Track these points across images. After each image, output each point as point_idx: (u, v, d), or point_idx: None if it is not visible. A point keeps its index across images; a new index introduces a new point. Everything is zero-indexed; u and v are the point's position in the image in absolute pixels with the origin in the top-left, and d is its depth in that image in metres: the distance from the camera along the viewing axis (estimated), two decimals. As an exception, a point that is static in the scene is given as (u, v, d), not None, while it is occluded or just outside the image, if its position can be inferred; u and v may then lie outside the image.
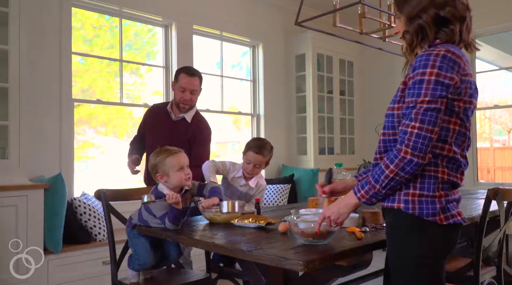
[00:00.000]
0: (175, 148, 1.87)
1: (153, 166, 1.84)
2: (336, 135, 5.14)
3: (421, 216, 1.30)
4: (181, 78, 2.55)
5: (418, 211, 1.30)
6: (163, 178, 1.83)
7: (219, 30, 4.45)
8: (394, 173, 1.28)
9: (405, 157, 1.26)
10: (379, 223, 1.80)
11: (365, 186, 1.35)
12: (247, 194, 2.29)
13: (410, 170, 1.27)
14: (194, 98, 2.60)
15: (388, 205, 1.37)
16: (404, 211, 1.32)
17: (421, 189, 1.31)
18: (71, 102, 3.41)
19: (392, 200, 1.35)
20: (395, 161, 1.28)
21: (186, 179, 1.83)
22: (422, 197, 1.31)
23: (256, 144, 2.27)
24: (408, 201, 1.31)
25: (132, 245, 1.94)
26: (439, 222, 1.29)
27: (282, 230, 1.66)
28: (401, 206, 1.32)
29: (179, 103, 2.55)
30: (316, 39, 4.83)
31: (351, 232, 1.64)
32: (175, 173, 1.81)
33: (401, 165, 1.27)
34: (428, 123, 1.25)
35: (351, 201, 1.40)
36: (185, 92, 2.53)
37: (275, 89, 4.92)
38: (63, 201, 2.90)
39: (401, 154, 1.27)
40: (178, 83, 2.56)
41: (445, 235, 1.32)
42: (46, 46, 3.27)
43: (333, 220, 1.42)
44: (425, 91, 1.26)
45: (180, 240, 1.64)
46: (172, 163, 1.81)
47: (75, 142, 3.48)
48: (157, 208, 1.78)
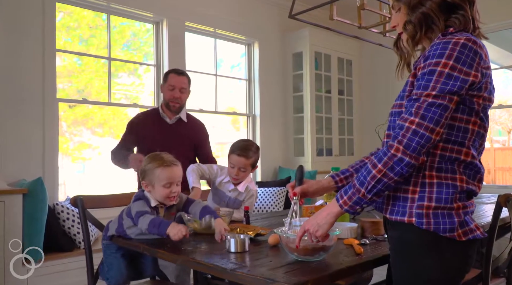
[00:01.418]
0: (172, 160, 1.68)
1: (142, 171, 1.68)
2: (334, 136, 4.99)
3: (437, 231, 1.11)
4: (170, 77, 2.57)
5: (433, 226, 1.11)
6: (148, 188, 1.66)
7: (212, 27, 4.29)
8: (382, 173, 1.11)
9: (395, 154, 1.10)
10: (380, 234, 1.63)
11: (349, 190, 1.18)
12: (236, 200, 2.12)
13: (400, 170, 1.10)
14: (184, 97, 2.58)
15: (397, 219, 1.17)
16: (416, 226, 1.13)
17: (437, 200, 1.12)
18: (55, 102, 3.25)
19: (402, 213, 1.16)
20: (383, 159, 1.12)
21: (170, 197, 1.65)
22: (438, 209, 1.12)
23: (239, 145, 2.11)
24: (422, 215, 1.12)
25: (106, 261, 1.76)
26: (457, 238, 1.11)
27: (272, 243, 1.49)
28: (413, 221, 1.13)
29: (169, 102, 2.53)
30: (313, 36, 4.68)
31: (349, 245, 1.48)
32: (161, 187, 1.63)
33: (390, 164, 1.10)
34: (429, 120, 1.07)
35: (333, 210, 1.21)
36: (174, 90, 2.52)
37: (271, 88, 4.76)
38: (44, 206, 2.73)
39: (391, 151, 1.10)
40: (167, 82, 2.57)
41: (462, 253, 1.13)
42: (28, 43, 3.10)
43: (312, 233, 1.23)
44: (434, 83, 1.08)
45: (158, 254, 1.47)
46: (161, 176, 1.63)
47: (71, 144, 3.34)
48: (139, 206, 1.61)
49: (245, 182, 2.12)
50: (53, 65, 3.23)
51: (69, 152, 3.52)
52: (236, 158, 2.06)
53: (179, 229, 1.47)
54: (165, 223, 1.51)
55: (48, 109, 3.18)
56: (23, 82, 3.07)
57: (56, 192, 3.21)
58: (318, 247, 1.26)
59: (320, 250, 1.28)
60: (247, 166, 2.07)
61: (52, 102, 3.22)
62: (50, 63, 3.21)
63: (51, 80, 3.21)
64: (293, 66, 4.82)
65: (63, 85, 3.41)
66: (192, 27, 4.14)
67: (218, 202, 2.13)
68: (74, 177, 3.57)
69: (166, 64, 3.89)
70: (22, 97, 3.06)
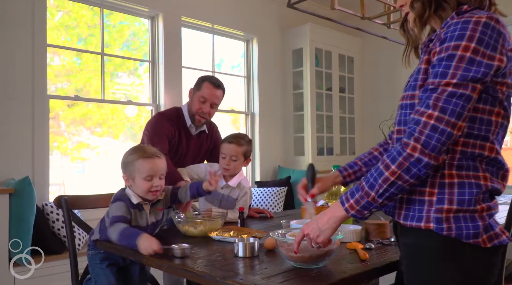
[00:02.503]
0: (154, 151, 1.58)
1: (123, 164, 1.58)
2: (335, 134, 4.88)
3: (459, 238, 0.97)
4: (205, 87, 2.19)
5: (455, 231, 0.97)
6: (128, 181, 1.55)
7: (210, 22, 4.17)
8: (396, 176, 0.98)
9: (411, 154, 0.96)
10: (385, 237, 1.50)
11: (356, 193, 1.05)
12: (229, 198, 2.00)
13: (417, 172, 0.97)
14: (213, 112, 2.23)
15: (412, 225, 1.03)
16: (435, 232, 0.99)
17: (459, 202, 0.98)
18: (45, 98, 3.13)
19: (418, 218, 1.02)
20: (398, 160, 0.98)
21: (152, 192, 1.54)
22: (459, 212, 0.98)
23: (230, 135, 2.04)
24: (441, 220, 0.98)
25: (92, 273, 1.62)
26: (482, 244, 0.97)
27: (268, 247, 1.36)
28: (431, 226, 0.99)
29: (195, 114, 2.19)
30: (314, 32, 4.57)
31: (352, 250, 1.35)
32: (141, 180, 1.52)
33: (406, 166, 0.97)
34: (451, 113, 0.93)
35: (336, 214, 1.08)
36: (205, 103, 2.17)
37: (271, 86, 4.65)
38: (31, 207, 2.61)
39: (407, 151, 0.97)
40: (199, 92, 2.19)
41: (486, 261, 1.00)
42: (17, 38, 2.98)
43: (312, 239, 1.10)
44: (454, 70, 0.94)
45: (143, 260, 1.34)
46: (142, 168, 1.52)
47: (69, 143, 3.25)
48: (116, 209, 1.49)
49: (237, 177, 2.00)
50: (43, 60, 3.11)
51: (68, 152, 3.46)
52: (227, 146, 1.97)
53: (149, 243, 1.32)
54: (136, 234, 1.37)
55: (38, 106, 3.06)
56: (12, 78, 2.95)
57: (46, 192, 3.08)
58: (318, 253, 1.13)
59: (320, 256, 1.15)
60: (238, 155, 1.96)
61: (43, 98, 3.10)
62: (40, 58, 3.09)
63: (41, 76, 3.09)
64: (293, 63, 4.70)
65: (62, 84, 3.35)
66: (188, 22, 4.02)
67: (210, 201, 2.00)
68: (74, 177, 3.48)
69: (161, 60, 3.78)
70: (11, 93, 2.94)
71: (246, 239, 1.35)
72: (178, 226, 1.64)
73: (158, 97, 3.79)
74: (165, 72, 3.77)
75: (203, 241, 1.52)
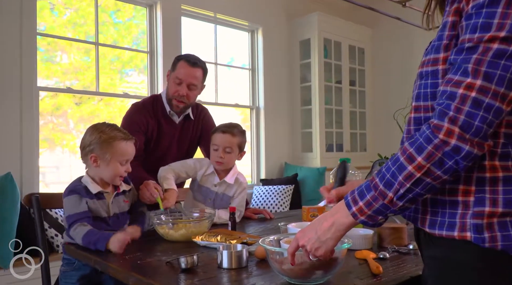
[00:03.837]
0: (128, 134, 1.48)
1: (91, 142, 1.41)
2: (345, 130, 4.65)
3: (507, 250, 0.72)
4: (180, 67, 1.93)
5: (501, 242, 0.72)
6: (97, 162, 1.41)
7: (212, 11, 3.95)
8: (424, 171, 0.72)
9: (446, 141, 0.70)
10: (402, 244, 1.26)
11: (367, 193, 0.80)
12: (224, 196, 1.76)
13: (454, 166, 0.71)
14: (192, 95, 1.95)
15: (442, 234, 0.77)
16: (474, 243, 0.74)
17: (506, 203, 0.72)
18: (35, 91, 2.95)
19: (450, 225, 0.76)
20: (426, 149, 0.72)
21: (121, 177, 1.45)
22: (506, 217, 0.73)
23: (222, 124, 1.82)
24: (482, 227, 0.73)
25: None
26: None
27: (260, 256, 1.13)
28: (467, 236, 0.74)
29: (172, 99, 1.93)
30: (322, 22, 4.35)
31: (362, 260, 1.11)
32: (116, 163, 1.41)
33: (438, 157, 0.71)
34: (498, 81, 0.68)
35: (341, 220, 0.83)
36: (181, 84, 1.90)
37: (277, 78, 4.43)
38: (14, 205, 2.42)
39: (440, 136, 0.71)
40: (174, 73, 1.94)
41: None
42: (3, 26, 2.80)
43: (310, 251, 0.86)
44: (501, 19, 0.68)
45: (109, 270, 1.12)
46: (123, 151, 1.42)
47: (77, 141, 3.14)
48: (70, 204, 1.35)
49: (233, 172, 1.77)
50: (33, 49, 2.93)
51: (76, 150, 3.39)
52: (220, 136, 1.74)
53: (118, 239, 1.22)
54: (103, 238, 1.26)
55: (26, 98, 2.88)
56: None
57: (36, 190, 2.90)
58: (319, 266, 0.90)
59: (321, 270, 0.91)
60: (233, 146, 1.74)
61: (31, 90, 2.92)
62: (29, 47, 2.91)
63: (30, 66, 2.91)
64: (300, 54, 4.51)
65: (70, 82, 3.29)
66: (189, 11, 3.82)
67: (202, 200, 1.77)
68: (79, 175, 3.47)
69: (160, 51, 3.59)
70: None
71: (232, 247, 1.11)
72: (157, 228, 1.42)
73: (157, 90, 3.59)
74: (163, 64, 3.57)
75: (185, 247, 1.29)
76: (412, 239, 1.28)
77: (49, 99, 3.21)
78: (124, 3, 3.54)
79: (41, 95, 3.09)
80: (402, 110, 3.17)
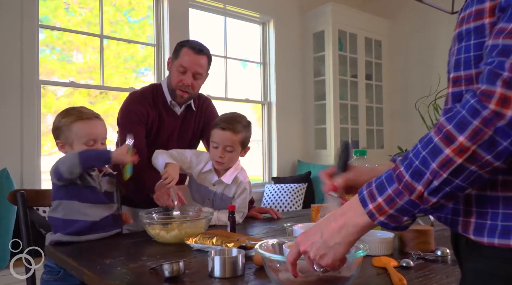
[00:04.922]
0: (92, 112, 1.44)
1: (56, 129, 1.40)
2: (361, 126, 4.47)
3: None
4: (184, 54, 1.77)
5: None
6: (64, 148, 1.39)
7: (222, 2, 3.81)
8: (468, 155, 0.54)
9: (500, 113, 0.52)
10: (429, 250, 1.08)
11: (388, 186, 0.61)
12: (223, 197, 1.60)
13: (509, 147, 0.52)
14: (197, 85, 1.80)
15: (493, 242, 0.59)
16: None
17: None
18: (36, 85, 2.86)
19: (503, 231, 0.58)
20: (472, 124, 0.53)
21: None
22: None
23: (223, 117, 1.60)
24: None
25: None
26: None
27: (260, 263, 0.96)
28: None
29: (176, 89, 1.77)
30: (337, 13, 4.17)
31: (381, 269, 0.93)
32: (81, 146, 1.36)
33: (488, 134, 0.53)
34: None
35: (354, 220, 0.65)
36: (185, 73, 1.75)
37: (289, 72, 4.27)
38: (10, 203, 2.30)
39: (491, 106, 0.52)
40: (178, 60, 1.77)
41: None
42: (3, 17, 2.70)
43: (314, 259, 0.68)
44: None
45: (84, 277, 0.97)
46: (81, 132, 1.37)
47: None
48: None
49: (233, 170, 1.59)
50: (34, 42, 2.84)
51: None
52: (219, 133, 1.55)
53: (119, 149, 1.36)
54: (104, 150, 1.38)
55: (28, 92, 2.78)
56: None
57: (37, 187, 2.79)
58: (325, 279, 0.72)
59: (330, 283, 0.74)
60: (235, 144, 1.55)
61: (32, 84, 2.82)
62: (29, 39, 2.81)
63: (31, 60, 2.82)
64: (314, 47, 4.34)
65: (85, 81, 3.31)
66: (197, 2, 3.69)
67: (201, 201, 1.60)
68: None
69: (167, 44, 3.47)
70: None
71: (227, 252, 0.95)
72: (147, 229, 1.26)
73: (163, 85, 3.46)
74: (171, 57, 3.44)
75: (177, 250, 1.13)
76: (439, 243, 1.10)
77: (64, 98, 3.21)
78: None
79: (58, 94, 3.14)
80: (425, 99, 2.87)
